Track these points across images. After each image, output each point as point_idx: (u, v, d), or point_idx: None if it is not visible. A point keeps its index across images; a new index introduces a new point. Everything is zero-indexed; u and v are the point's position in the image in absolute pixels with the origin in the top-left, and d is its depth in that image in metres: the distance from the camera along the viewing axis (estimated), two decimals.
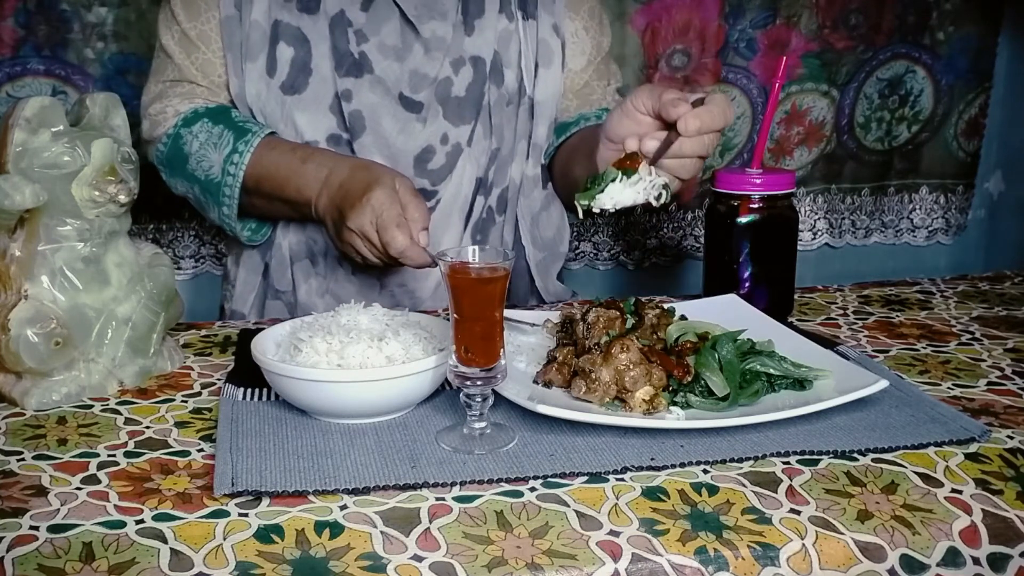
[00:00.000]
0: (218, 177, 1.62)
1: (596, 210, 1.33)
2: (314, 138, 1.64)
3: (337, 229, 1.53)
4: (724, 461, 1.03)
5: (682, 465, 1.03)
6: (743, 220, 1.49)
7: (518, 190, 1.79)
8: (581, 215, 1.35)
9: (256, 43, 1.63)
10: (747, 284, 1.51)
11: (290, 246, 1.72)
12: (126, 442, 1.10)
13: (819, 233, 2.55)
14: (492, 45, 1.70)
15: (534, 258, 1.83)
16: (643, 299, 1.36)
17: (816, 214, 2.53)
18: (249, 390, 1.22)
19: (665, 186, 1.32)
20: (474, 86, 1.69)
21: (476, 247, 1.09)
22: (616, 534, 0.91)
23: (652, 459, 1.03)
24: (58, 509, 0.95)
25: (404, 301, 1.72)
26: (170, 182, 1.70)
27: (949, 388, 1.25)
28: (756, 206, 1.49)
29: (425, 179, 1.68)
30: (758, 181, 1.48)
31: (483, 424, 1.09)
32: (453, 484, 0.99)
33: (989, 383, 1.26)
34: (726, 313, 1.34)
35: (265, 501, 0.96)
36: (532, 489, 0.98)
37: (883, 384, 1.14)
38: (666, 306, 1.31)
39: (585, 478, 1.00)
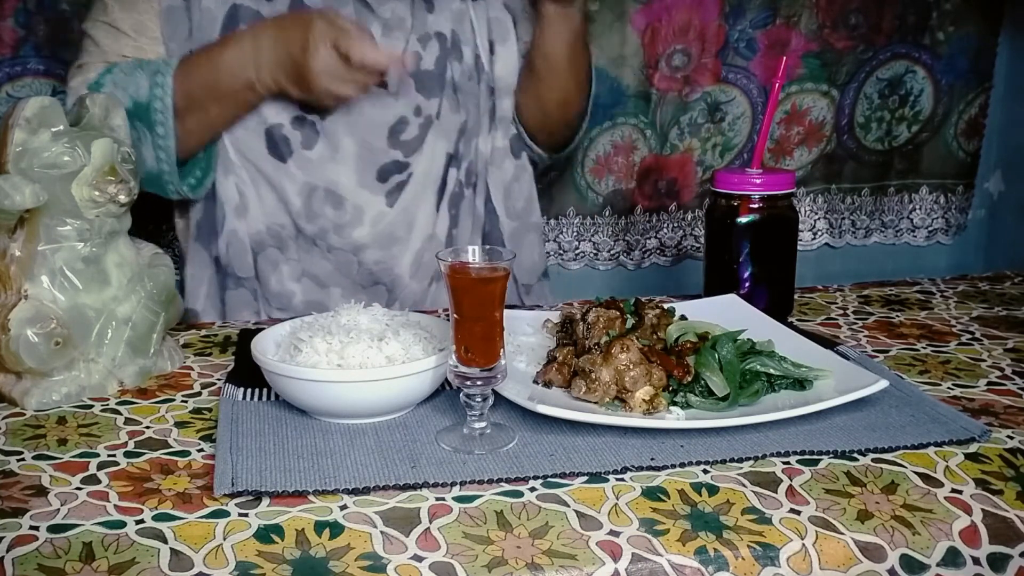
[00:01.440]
0: (146, 98, 1.58)
1: None
2: (279, 121, 1.64)
3: (303, 82, 1.54)
4: (724, 461, 1.03)
5: (682, 465, 1.03)
6: (743, 220, 1.49)
7: (487, 162, 1.80)
8: None
9: (206, 30, 1.62)
10: (747, 284, 1.51)
11: (250, 235, 1.71)
12: (126, 442, 1.10)
13: (819, 233, 2.55)
14: (450, 22, 1.72)
15: (507, 228, 1.85)
16: (643, 299, 1.36)
17: (816, 214, 2.53)
18: (249, 390, 1.22)
19: None
20: (440, 61, 1.71)
21: (476, 247, 1.10)
22: (616, 534, 0.91)
23: (652, 459, 1.03)
24: (58, 509, 0.95)
25: (383, 278, 1.72)
26: None
27: (949, 388, 1.25)
28: (756, 206, 1.49)
29: (398, 150, 1.69)
30: (758, 181, 1.48)
31: (483, 424, 1.09)
32: (453, 484, 0.99)
33: (989, 383, 1.26)
34: (726, 313, 1.34)
35: (265, 501, 0.96)
36: (532, 489, 0.98)
37: (883, 384, 1.14)
38: (666, 306, 1.31)
39: (585, 478, 1.00)
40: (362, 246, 1.70)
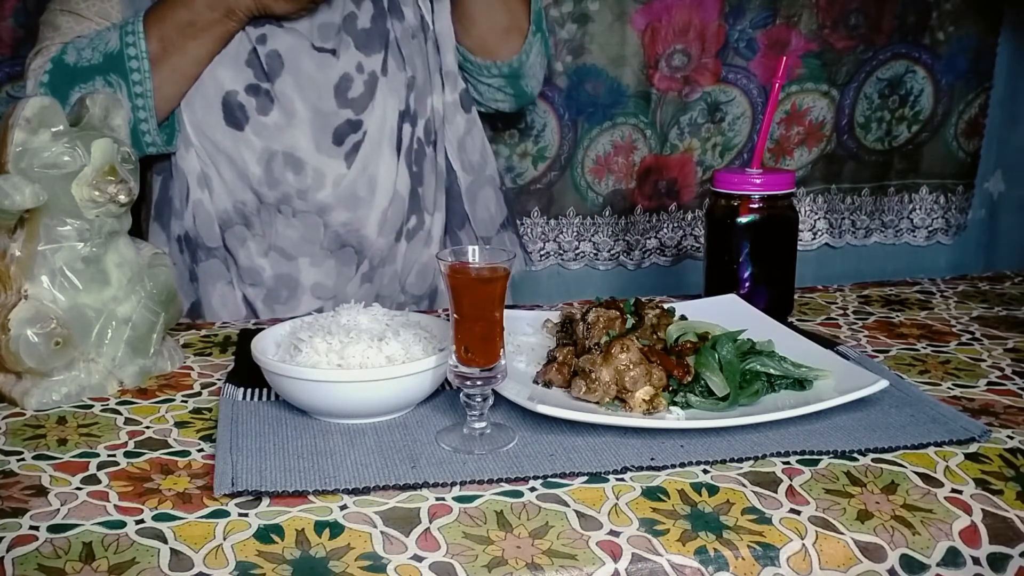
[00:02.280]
0: (117, 47, 1.60)
1: None
2: (234, 88, 1.67)
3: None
4: (724, 461, 1.03)
5: (682, 465, 1.03)
6: (743, 220, 1.49)
7: (442, 119, 1.82)
8: None
9: None
10: (747, 284, 1.51)
11: (217, 213, 1.72)
12: (126, 442, 1.10)
13: (819, 233, 2.55)
14: None
15: (464, 182, 1.86)
16: (643, 299, 1.36)
17: (816, 214, 2.53)
18: (249, 390, 1.22)
19: None
20: (378, 19, 1.73)
21: (476, 247, 1.09)
22: (616, 534, 0.91)
23: (652, 459, 1.03)
24: (58, 509, 0.95)
25: (350, 240, 1.73)
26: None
27: (949, 388, 1.25)
28: (756, 206, 1.49)
29: (348, 109, 1.71)
30: (758, 181, 1.48)
31: (483, 424, 1.09)
32: (453, 484, 0.99)
33: (989, 383, 1.26)
34: (726, 313, 1.34)
35: (265, 501, 0.96)
36: (532, 489, 0.98)
37: (883, 384, 1.14)
38: (666, 306, 1.31)
39: (585, 478, 1.00)
40: (327, 207, 1.71)
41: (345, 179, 1.71)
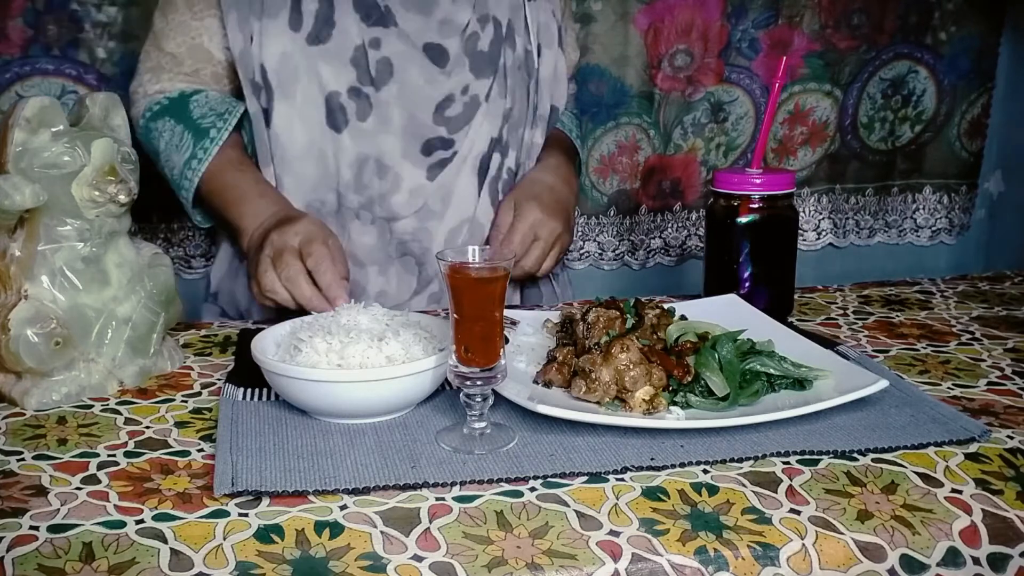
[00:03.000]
0: (178, 179, 1.67)
1: None
2: (336, 89, 1.65)
3: (254, 251, 1.54)
4: (724, 461, 1.03)
5: (682, 465, 1.03)
6: (743, 220, 1.49)
7: (527, 156, 1.83)
8: None
9: (276, 1, 1.64)
10: (747, 284, 1.51)
11: None
12: (126, 442, 1.10)
13: (823, 233, 2.55)
14: (507, 11, 1.75)
15: None
16: (643, 299, 1.36)
17: (820, 214, 2.53)
18: (249, 390, 1.22)
19: None
20: (495, 44, 1.73)
21: (476, 247, 1.10)
22: (616, 534, 0.91)
23: (652, 459, 1.03)
24: (58, 509, 0.95)
25: (414, 250, 1.73)
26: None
27: (949, 388, 1.25)
28: (756, 206, 1.49)
29: (443, 127, 1.70)
30: (758, 181, 1.48)
31: (483, 424, 1.09)
32: (453, 484, 0.99)
33: (989, 383, 1.26)
34: (726, 313, 1.34)
35: (265, 501, 0.96)
36: (532, 489, 0.98)
37: (883, 384, 1.14)
38: (666, 306, 1.31)
39: (585, 478, 1.00)
40: (397, 216, 1.71)
41: (422, 189, 1.70)
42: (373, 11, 1.65)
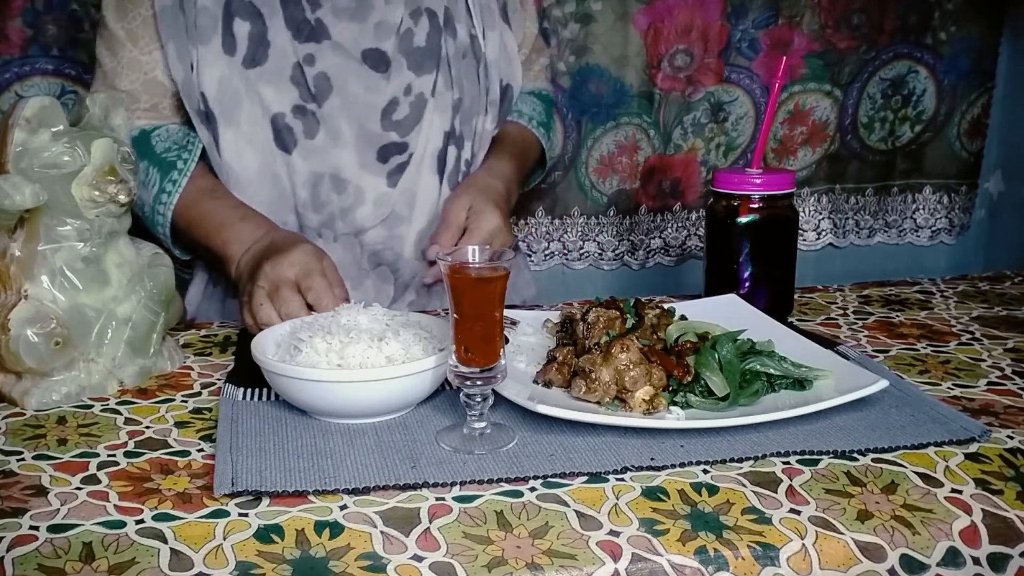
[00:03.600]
0: (151, 216, 1.63)
1: None
2: (280, 110, 1.63)
3: (245, 279, 1.51)
4: (724, 461, 1.03)
5: (682, 465, 1.03)
6: (743, 220, 1.49)
7: (486, 145, 1.82)
8: None
9: (207, 26, 1.61)
10: (747, 284, 1.51)
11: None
12: (126, 442, 1.10)
13: (823, 233, 2.55)
14: (442, 0, 1.72)
15: None
16: (643, 299, 1.36)
17: (820, 214, 2.53)
18: (249, 390, 1.22)
19: None
20: (432, 36, 1.70)
21: (476, 247, 1.09)
22: (616, 534, 0.91)
23: (652, 459, 1.03)
24: (58, 509, 0.95)
25: (387, 259, 1.72)
26: None
27: (949, 388, 1.25)
28: (756, 206, 1.49)
29: (393, 131, 1.68)
30: (758, 181, 1.48)
31: (483, 424, 1.09)
32: (453, 484, 0.99)
33: (989, 383, 1.26)
34: (726, 313, 1.34)
35: (265, 501, 0.96)
36: (532, 489, 0.98)
37: (883, 384, 1.14)
38: (666, 306, 1.31)
39: (585, 478, 1.00)
40: (365, 227, 1.70)
41: (386, 198, 1.69)
42: (304, 26, 1.63)
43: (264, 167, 1.65)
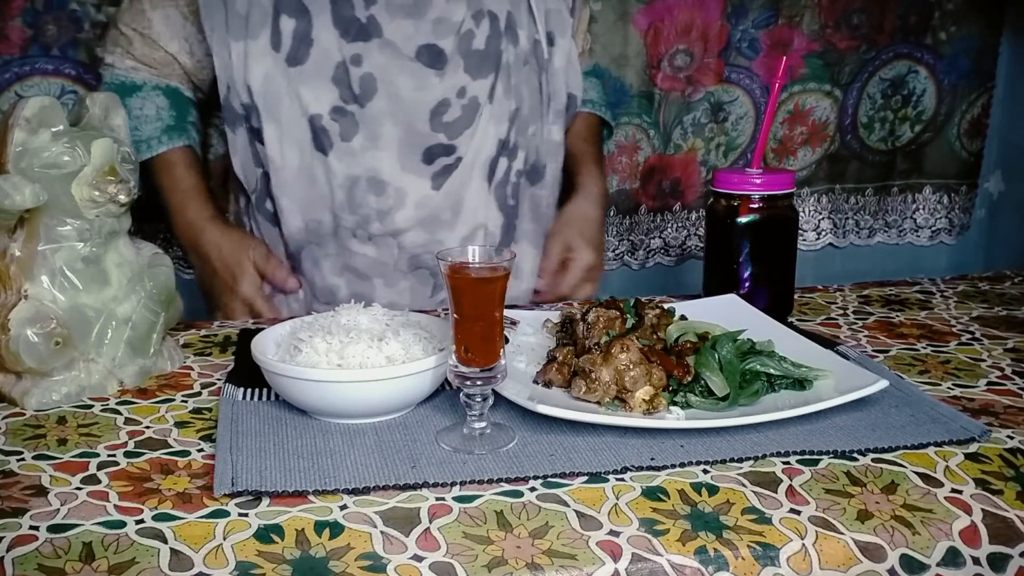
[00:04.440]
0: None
1: None
2: (318, 111, 1.64)
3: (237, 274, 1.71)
4: (724, 461, 1.03)
5: (682, 465, 1.02)
6: (743, 220, 1.49)
7: (548, 155, 1.81)
8: None
9: (257, 20, 1.63)
10: (747, 284, 1.50)
11: (289, 234, 1.72)
12: (126, 442, 1.10)
13: (823, 233, 2.55)
14: (505, 3, 1.72)
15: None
16: (643, 299, 1.36)
17: (820, 214, 2.53)
18: (249, 390, 1.22)
19: None
20: (492, 40, 1.70)
21: (476, 247, 1.09)
22: (616, 534, 0.91)
23: (652, 459, 1.03)
24: (58, 509, 0.95)
25: (426, 263, 1.72)
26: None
27: (949, 388, 1.25)
28: (756, 206, 1.49)
29: (441, 132, 1.68)
30: (758, 181, 1.48)
31: (483, 424, 1.09)
32: (453, 484, 0.99)
33: (989, 383, 1.26)
34: (726, 313, 1.34)
35: (265, 501, 0.96)
36: (532, 489, 0.98)
37: (883, 384, 1.14)
38: (666, 306, 1.31)
39: (585, 478, 1.00)
40: (403, 229, 1.69)
41: (428, 200, 1.69)
42: (352, 25, 1.63)
43: (304, 166, 1.67)
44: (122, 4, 1.77)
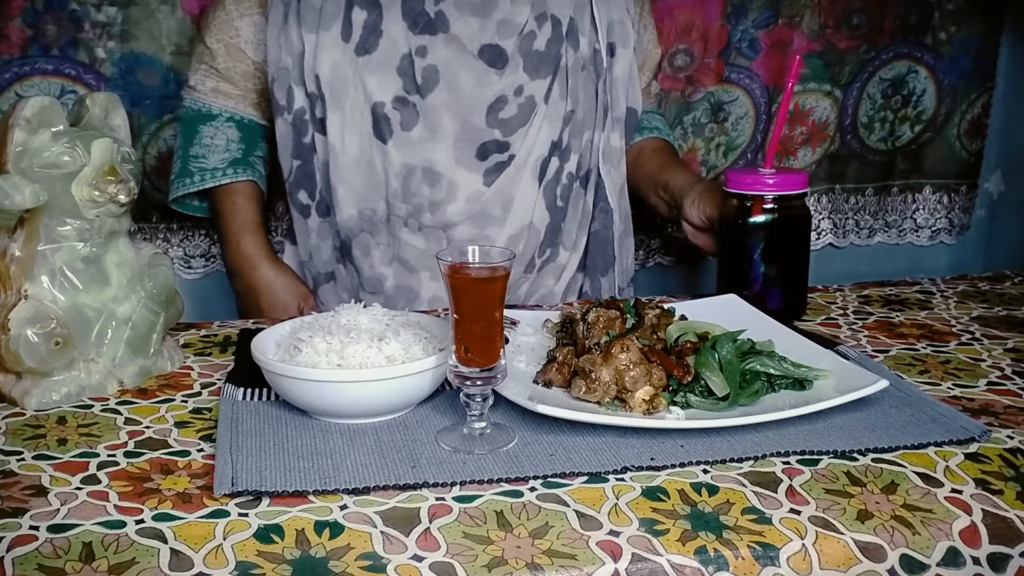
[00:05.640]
0: (175, 177, 1.88)
1: None
2: (381, 99, 1.68)
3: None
4: (724, 461, 1.03)
5: (682, 465, 1.02)
6: (756, 220, 1.49)
7: (599, 159, 1.83)
8: None
9: (331, 12, 1.68)
10: (759, 284, 1.50)
11: (342, 222, 1.76)
12: (126, 442, 1.10)
13: (823, 233, 2.54)
14: (568, 9, 1.74)
15: (617, 229, 1.87)
16: (643, 299, 1.36)
17: (820, 214, 2.53)
18: (249, 390, 1.22)
19: None
20: (553, 43, 1.72)
21: (476, 247, 1.09)
22: (616, 534, 0.91)
23: (652, 459, 1.03)
24: (58, 509, 0.95)
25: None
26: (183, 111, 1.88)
27: (949, 388, 1.25)
28: (769, 206, 1.48)
29: (496, 129, 1.71)
30: (771, 181, 1.48)
31: (483, 424, 1.09)
32: (453, 484, 0.99)
33: (989, 383, 1.26)
34: (726, 313, 1.34)
35: (265, 501, 0.96)
36: (532, 489, 0.98)
37: (883, 384, 1.14)
38: (666, 306, 1.31)
39: (585, 478, 1.00)
40: (453, 222, 1.72)
41: (479, 195, 1.71)
42: (421, 18, 1.67)
43: (362, 154, 1.70)
44: (208, 20, 1.83)
